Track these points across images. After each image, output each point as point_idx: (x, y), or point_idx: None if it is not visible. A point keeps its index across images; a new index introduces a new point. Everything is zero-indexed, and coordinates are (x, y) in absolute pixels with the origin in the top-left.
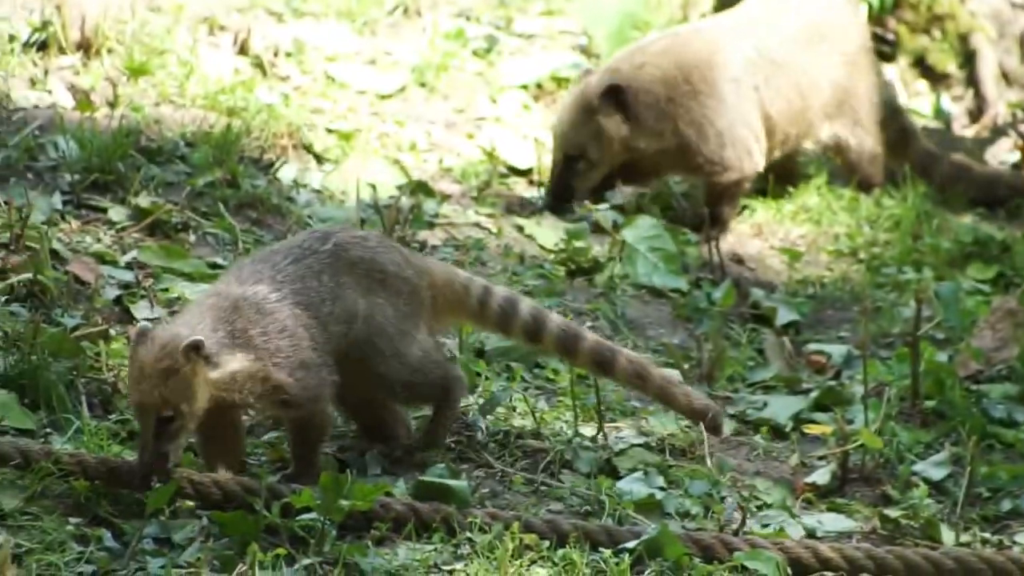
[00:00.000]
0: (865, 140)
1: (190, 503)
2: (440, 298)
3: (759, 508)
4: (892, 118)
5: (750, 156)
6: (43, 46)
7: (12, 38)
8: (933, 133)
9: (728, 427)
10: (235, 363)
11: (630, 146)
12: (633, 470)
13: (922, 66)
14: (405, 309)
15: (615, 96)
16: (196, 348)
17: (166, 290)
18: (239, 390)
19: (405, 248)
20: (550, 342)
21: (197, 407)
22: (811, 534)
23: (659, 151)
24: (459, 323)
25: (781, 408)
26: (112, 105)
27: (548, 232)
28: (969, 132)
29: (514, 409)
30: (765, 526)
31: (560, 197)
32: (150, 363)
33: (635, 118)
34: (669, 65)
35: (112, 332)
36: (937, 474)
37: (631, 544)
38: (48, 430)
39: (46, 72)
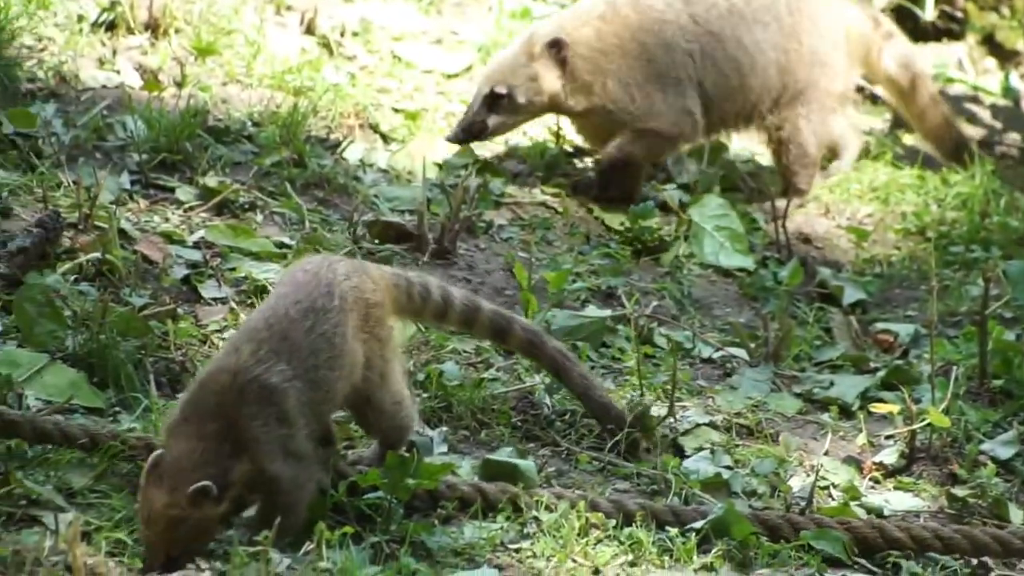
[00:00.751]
0: (808, 141)
1: None
2: (389, 302)
3: (826, 487)
4: None
5: (687, 116)
6: (111, 26)
7: (81, 18)
8: (1001, 111)
9: (794, 406)
10: (237, 472)
11: (558, 102)
12: (699, 449)
13: (991, 43)
14: (383, 334)
15: (557, 49)
16: (204, 494)
17: (233, 270)
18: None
19: (360, 263)
20: (453, 318)
21: (207, 542)
22: (878, 513)
23: (587, 110)
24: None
25: (848, 387)
26: (179, 85)
27: (614, 212)
28: None
29: None
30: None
31: (471, 132)
32: (159, 509)
33: (570, 75)
34: (608, 31)
35: (180, 311)
36: (1005, 453)
37: (698, 524)
38: (117, 409)
39: (114, 52)
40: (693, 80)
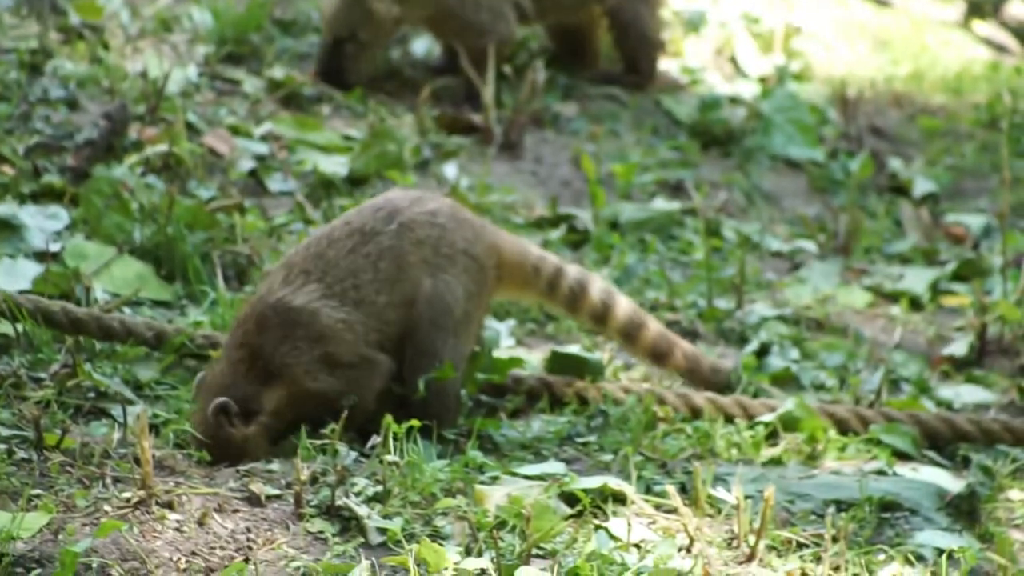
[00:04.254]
0: (641, 18)
1: None
2: (507, 276)
3: (895, 381)
4: None
5: (504, 20)
6: None
7: None
8: None
9: (863, 299)
10: (267, 399)
11: (401, 21)
12: (768, 343)
13: None
14: (472, 289)
15: None
16: (224, 411)
17: (300, 162)
18: (294, 412)
19: (479, 219)
20: (614, 328)
21: (251, 457)
22: (948, 406)
23: (425, 18)
24: (523, 297)
25: (918, 280)
26: None
27: (683, 104)
28: None
29: (648, 281)
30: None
31: (331, 80)
32: (194, 425)
33: None
34: None
35: (247, 204)
36: None
37: (766, 417)
38: (184, 302)
39: None
40: None
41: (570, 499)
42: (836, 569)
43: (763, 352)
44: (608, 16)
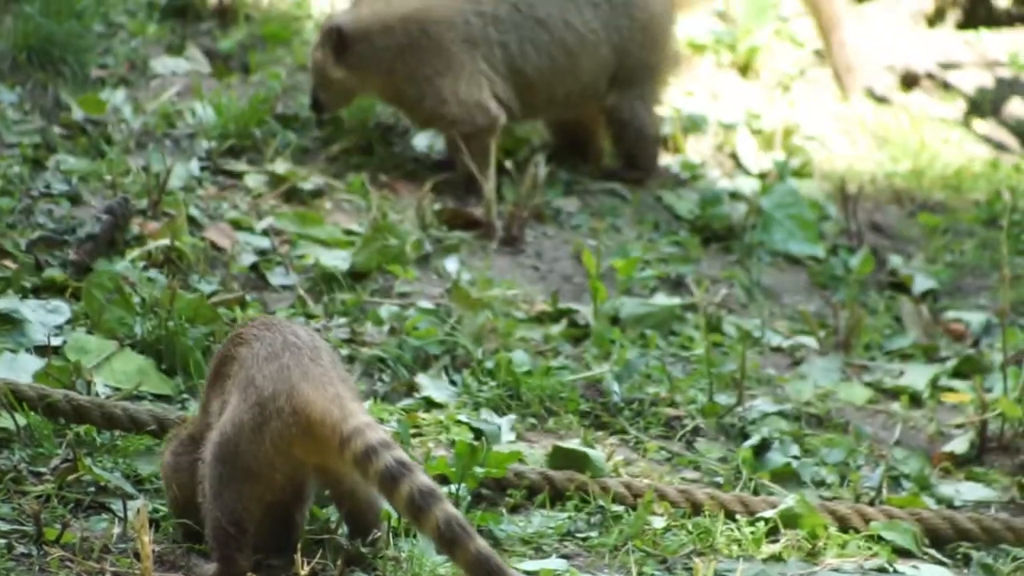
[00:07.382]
0: (640, 118)
1: None
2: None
3: (896, 477)
4: None
5: (481, 109)
6: (181, 12)
7: (151, 4)
8: None
9: (864, 396)
10: None
11: (347, 87)
12: (769, 439)
13: None
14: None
15: (334, 37)
16: None
17: (302, 257)
18: None
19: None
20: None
21: None
22: (949, 504)
23: (378, 91)
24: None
25: (919, 376)
26: (248, 71)
27: (684, 200)
28: None
29: (649, 376)
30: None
31: (314, 108)
32: None
33: (348, 64)
34: (409, 26)
35: (248, 299)
36: None
37: (767, 513)
38: (185, 396)
39: (184, 38)
40: (500, 71)
41: None
42: None
43: (764, 448)
44: (606, 114)
